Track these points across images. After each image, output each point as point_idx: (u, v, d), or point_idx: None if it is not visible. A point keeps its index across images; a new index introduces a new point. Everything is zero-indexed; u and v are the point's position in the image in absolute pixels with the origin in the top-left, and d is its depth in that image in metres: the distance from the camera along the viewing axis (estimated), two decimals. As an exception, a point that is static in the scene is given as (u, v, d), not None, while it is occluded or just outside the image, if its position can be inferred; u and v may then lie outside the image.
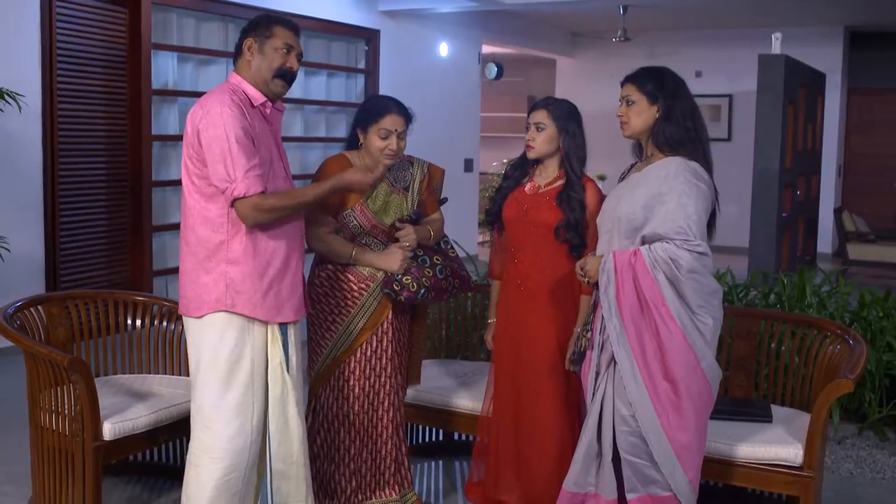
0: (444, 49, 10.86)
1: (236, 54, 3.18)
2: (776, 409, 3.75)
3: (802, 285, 5.56)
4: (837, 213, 10.74)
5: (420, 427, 4.56)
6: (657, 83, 3.16)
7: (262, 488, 3.22)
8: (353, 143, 3.62)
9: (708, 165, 3.16)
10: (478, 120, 11.72)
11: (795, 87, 9.66)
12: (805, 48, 11.38)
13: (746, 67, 9.42)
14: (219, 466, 3.09)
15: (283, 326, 3.16)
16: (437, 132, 10.48)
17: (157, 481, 4.11)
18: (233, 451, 3.09)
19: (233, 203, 2.99)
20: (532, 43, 12.82)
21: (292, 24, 3.20)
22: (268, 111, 3.16)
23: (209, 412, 3.10)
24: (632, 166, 3.35)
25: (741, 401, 3.84)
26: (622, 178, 3.35)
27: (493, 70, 12.55)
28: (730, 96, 12.93)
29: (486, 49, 12.33)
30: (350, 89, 9.65)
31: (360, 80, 9.74)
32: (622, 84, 3.24)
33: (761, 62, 9.11)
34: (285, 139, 8.64)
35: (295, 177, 3.67)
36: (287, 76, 3.16)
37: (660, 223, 3.04)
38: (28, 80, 6.20)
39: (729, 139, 13.00)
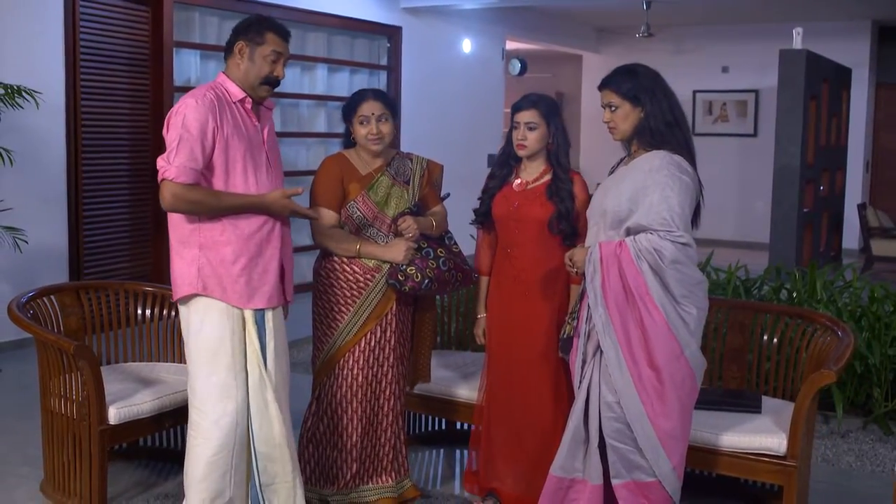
0: (466, 45, 10.93)
1: (227, 53, 3.28)
2: (768, 401, 3.80)
3: (813, 280, 5.58)
4: (861, 208, 10.67)
5: (422, 416, 4.64)
6: (634, 84, 3.21)
7: (251, 468, 3.32)
8: (348, 140, 3.75)
9: (691, 157, 3.21)
10: (501, 116, 11.78)
11: (818, 83, 9.62)
12: (831, 43, 11.32)
13: (772, 63, 9.39)
14: (209, 445, 3.21)
15: (260, 313, 3.26)
16: (460, 128, 10.57)
17: (164, 465, 4.24)
18: (220, 431, 3.21)
19: (161, 182, 3.11)
20: (557, 39, 12.84)
21: (284, 30, 3.29)
22: (248, 106, 3.26)
23: (199, 394, 3.23)
24: (621, 160, 3.41)
25: (732, 392, 3.89)
26: (611, 172, 3.42)
27: (516, 66, 12.59)
28: (756, 91, 12.87)
29: (512, 45, 12.37)
30: (373, 86, 9.75)
31: (383, 76, 9.85)
32: (600, 89, 3.29)
33: (782, 57, 9.10)
34: (309, 135, 8.86)
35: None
36: (273, 83, 3.28)
37: (644, 215, 3.10)
38: (52, 77, 6.38)
39: (755, 135, 12.95)
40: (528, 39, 12.34)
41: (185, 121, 3.09)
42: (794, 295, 5.57)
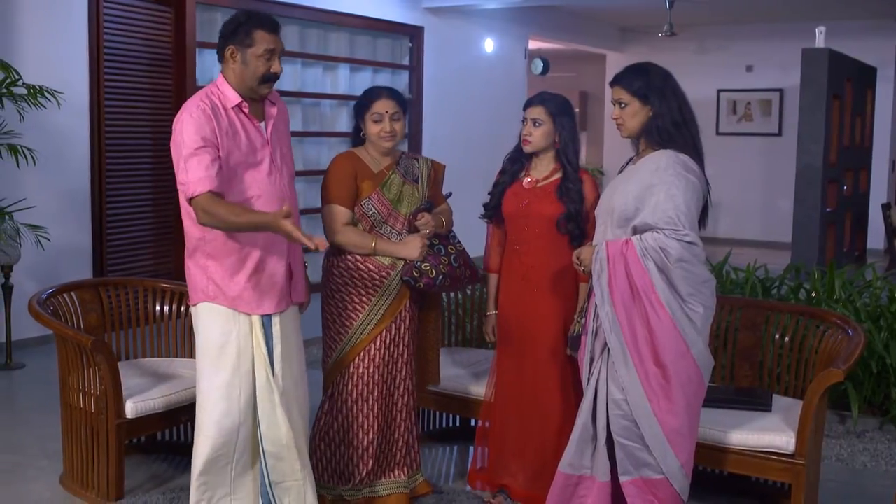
0: (489, 45, 10.94)
1: (220, 57, 3.26)
2: (779, 399, 3.81)
3: (832, 280, 5.57)
4: (885, 208, 10.59)
5: (436, 413, 4.68)
6: (645, 83, 3.23)
7: (259, 467, 3.37)
8: (357, 138, 3.78)
9: (698, 157, 3.23)
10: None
11: (841, 82, 9.56)
12: (857, 42, 11.24)
13: (797, 62, 9.35)
14: (209, 444, 3.26)
15: (267, 318, 3.28)
16: (482, 128, 10.59)
17: (181, 459, 4.29)
18: (221, 431, 3.25)
19: (190, 203, 3.11)
20: (580, 38, 12.83)
21: (271, 24, 3.22)
22: (245, 111, 3.23)
23: (202, 394, 3.28)
24: (630, 159, 3.43)
25: (744, 390, 3.90)
26: (621, 171, 3.44)
27: (538, 65, 12.60)
28: (780, 91, 12.81)
29: (534, 44, 12.36)
30: (395, 86, 9.77)
31: (405, 76, 9.90)
32: (611, 86, 3.32)
33: (804, 56, 9.06)
34: (332, 135, 8.91)
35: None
36: (273, 79, 3.24)
37: (650, 213, 3.13)
38: (76, 77, 6.50)
39: (779, 134, 12.89)
40: (551, 39, 12.33)
41: (185, 138, 3.10)
42: (813, 294, 5.55)
